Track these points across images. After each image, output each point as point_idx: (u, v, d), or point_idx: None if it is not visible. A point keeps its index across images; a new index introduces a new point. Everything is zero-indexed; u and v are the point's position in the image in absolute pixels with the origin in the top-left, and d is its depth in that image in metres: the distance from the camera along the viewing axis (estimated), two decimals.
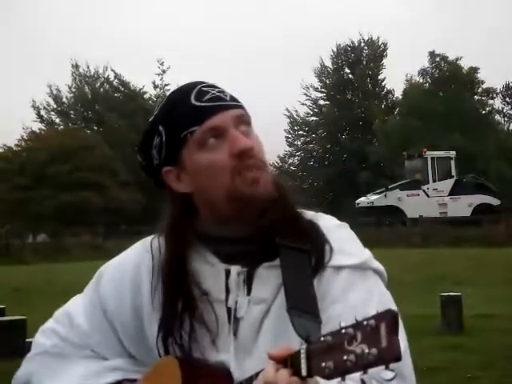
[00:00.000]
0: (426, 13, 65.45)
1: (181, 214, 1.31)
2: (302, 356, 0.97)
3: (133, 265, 1.37)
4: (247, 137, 1.27)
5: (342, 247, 1.29)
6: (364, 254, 1.32)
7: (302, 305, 1.19)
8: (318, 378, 0.96)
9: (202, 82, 1.32)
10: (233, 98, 1.31)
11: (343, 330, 0.91)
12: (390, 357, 0.86)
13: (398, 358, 0.86)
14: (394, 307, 1.26)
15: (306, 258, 1.25)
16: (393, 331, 0.86)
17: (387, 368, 0.87)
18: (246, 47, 68.59)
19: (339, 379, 0.91)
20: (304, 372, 0.96)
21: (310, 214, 1.34)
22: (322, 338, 0.94)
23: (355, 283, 1.26)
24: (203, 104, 1.27)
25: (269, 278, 1.26)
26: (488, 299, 10.55)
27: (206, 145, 1.26)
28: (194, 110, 1.27)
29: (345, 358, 0.89)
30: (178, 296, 1.27)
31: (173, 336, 1.26)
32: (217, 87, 1.32)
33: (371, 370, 0.88)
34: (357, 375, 0.90)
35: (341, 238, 1.31)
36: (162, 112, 1.32)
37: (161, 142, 1.30)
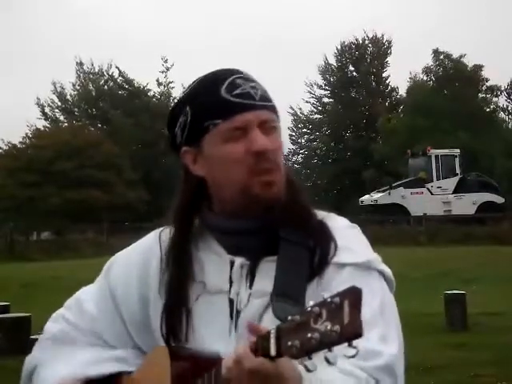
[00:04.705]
0: (428, 9, 65.23)
1: (192, 195, 1.33)
2: (272, 336, 0.96)
3: (142, 253, 1.39)
4: (268, 136, 1.27)
5: (348, 246, 1.29)
6: (370, 255, 1.31)
7: (288, 293, 1.19)
8: (288, 358, 0.95)
9: (238, 72, 1.31)
10: (263, 97, 1.29)
11: (310, 309, 0.90)
12: (351, 333, 0.85)
13: (358, 335, 0.85)
14: (395, 313, 1.27)
15: (306, 253, 1.26)
16: (355, 307, 0.85)
17: (350, 345, 0.86)
18: (246, 47, 68.61)
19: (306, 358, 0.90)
20: (273, 352, 0.96)
21: (321, 214, 1.34)
22: (290, 317, 0.93)
23: (357, 281, 1.21)
24: (232, 99, 1.26)
25: (271, 271, 1.26)
26: (493, 297, 10.53)
27: (227, 139, 1.26)
28: (221, 103, 1.26)
29: (309, 335, 0.88)
30: (182, 284, 1.28)
31: (173, 325, 1.27)
32: (251, 80, 1.30)
33: (336, 348, 0.87)
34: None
35: (348, 237, 1.31)
36: (191, 93, 1.32)
37: (185, 123, 1.31)
